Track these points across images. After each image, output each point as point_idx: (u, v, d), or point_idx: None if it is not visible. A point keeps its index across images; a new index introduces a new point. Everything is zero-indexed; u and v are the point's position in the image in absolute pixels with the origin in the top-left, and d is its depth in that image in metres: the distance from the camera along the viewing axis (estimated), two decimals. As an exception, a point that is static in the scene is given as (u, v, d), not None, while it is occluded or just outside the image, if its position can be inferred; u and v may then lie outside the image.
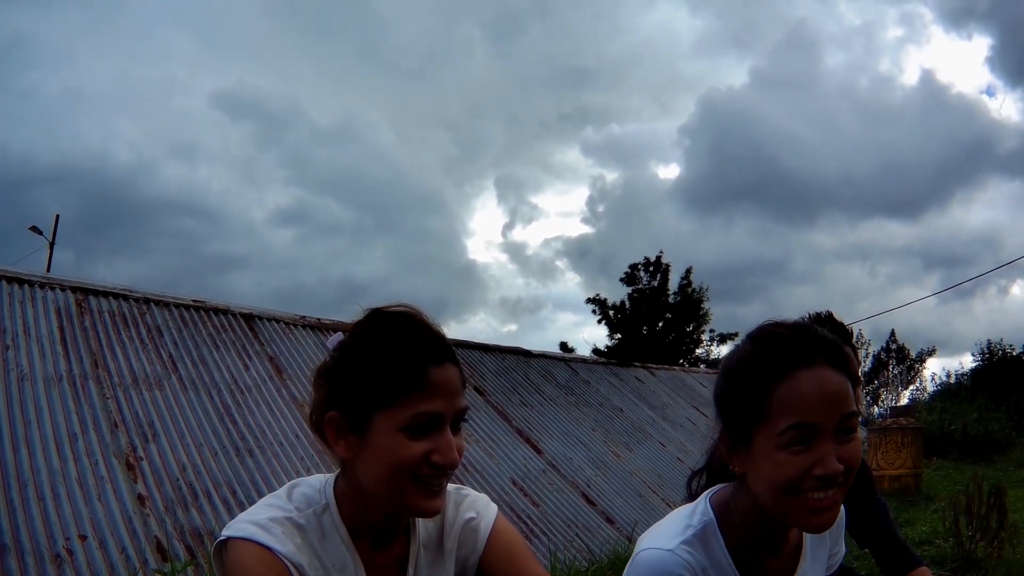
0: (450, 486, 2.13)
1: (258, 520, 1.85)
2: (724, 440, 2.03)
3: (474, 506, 2.18)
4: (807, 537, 2.17)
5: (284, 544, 1.82)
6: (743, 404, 1.93)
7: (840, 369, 1.88)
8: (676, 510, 2.20)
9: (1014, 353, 42.81)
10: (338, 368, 1.95)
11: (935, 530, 8.79)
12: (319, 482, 2.03)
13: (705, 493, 2.17)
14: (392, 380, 1.85)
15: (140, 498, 7.91)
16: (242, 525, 1.84)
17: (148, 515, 7.72)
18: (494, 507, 2.22)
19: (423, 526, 2.10)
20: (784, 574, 2.12)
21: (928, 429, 18.25)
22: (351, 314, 2.04)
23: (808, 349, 1.89)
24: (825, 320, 3.38)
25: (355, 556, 1.95)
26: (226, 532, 1.85)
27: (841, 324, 3.36)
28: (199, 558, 6.92)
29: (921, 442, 13.61)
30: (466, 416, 2.00)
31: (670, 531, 2.05)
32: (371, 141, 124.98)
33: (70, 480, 7.68)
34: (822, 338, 1.94)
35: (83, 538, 7.07)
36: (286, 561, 1.79)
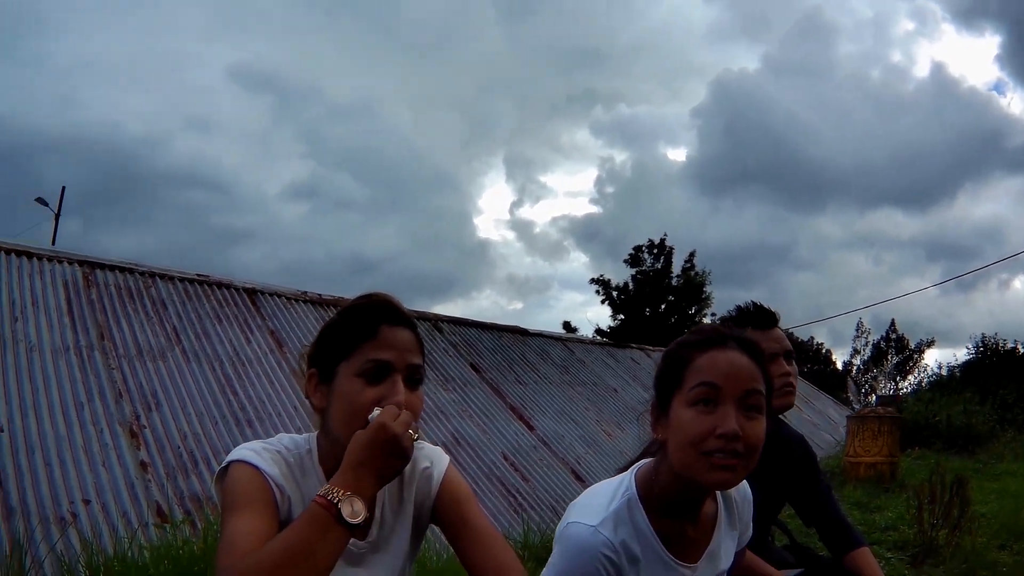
0: None
1: (252, 448, 2.16)
2: (653, 411, 2.35)
3: (429, 456, 2.42)
4: (721, 512, 2.47)
5: (271, 467, 2.11)
6: (669, 374, 2.29)
7: (751, 356, 2.23)
8: (605, 482, 2.48)
9: (1007, 347, 43.06)
10: (319, 336, 2.30)
11: (901, 517, 8.91)
12: (304, 435, 2.32)
13: (632, 467, 2.45)
14: (350, 333, 2.19)
15: (143, 464, 8.22)
16: (238, 451, 2.14)
17: (150, 481, 8.04)
18: (446, 458, 2.46)
19: None
20: (701, 542, 2.40)
21: (914, 419, 18.41)
22: (356, 288, 2.37)
23: (726, 336, 2.28)
24: (752, 307, 3.60)
25: None
26: (227, 459, 2.14)
27: (767, 308, 3.58)
28: (197, 521, 7.20)
29: (898, 431, 13.64)
30: (421, 377, 2.25)
31: (596, 505, 2.31)
32: (386, 118, 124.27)
33: (76, 447, 8.00)
34: (740, 332, 2.33)
35: (87, 502, 7.38)
36: (271, 481, 2.08)
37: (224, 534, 1.99)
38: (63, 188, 35.92)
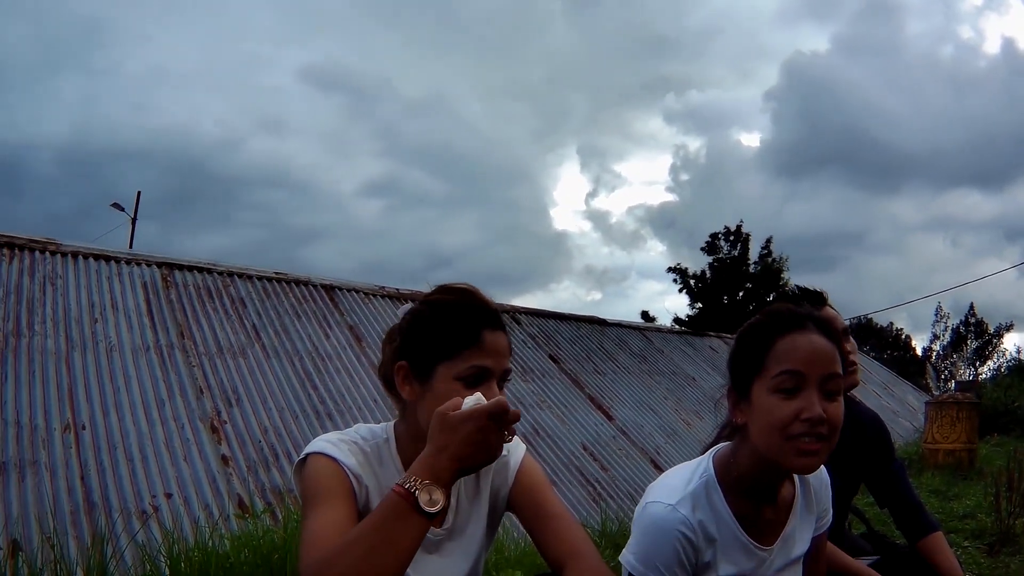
0: None
1: (329, 439, 2.20)
2: (730, 395, 2.33)
3: (506, 446, 2.40)
4: (798, 495, 2.44)
5: (348, 458, 2.15)
6: (747, 359, 2.26)
7: (830, 338, 2.22)
8: (682, 464, 2.47)
9: None
10: (410, 328, 2.29)
11: (979, 504, 8.65)
12: (382, 424, 2.36)
13: (710, 450, 2.44)
14: (454, 338, 2.19)
15: (224, 459, 8.38)
16: (316, 443, 2.18)
17: (231, 474, 8.19)
18: (523, 446, 2.48)
19: None
20: (777, 525, 2.37)
21: (993, 405, 18.03)
22: (433, 283, 2.39)
23: (804, 318, 2.26)
24: (798, 290, 3.58)
25: None
26: (305, 451, 2.19)
27: (813, 289, 3.56)
28: (278, 512, 7.26)
29: (976, 417, 13.16)
30: (509, 377, 2.30)
31: (675, 486, 2.31)
32: (459, 112, 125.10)
33: (157, 442, 8.17)
34: (817, 314, 2.31)
35: (168, 496, 7.53)
36: (349, 472, 2.12)
37: (305, 528, 2.03)
38: (138, 193, 36.39)
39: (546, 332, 15.43)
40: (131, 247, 22.42)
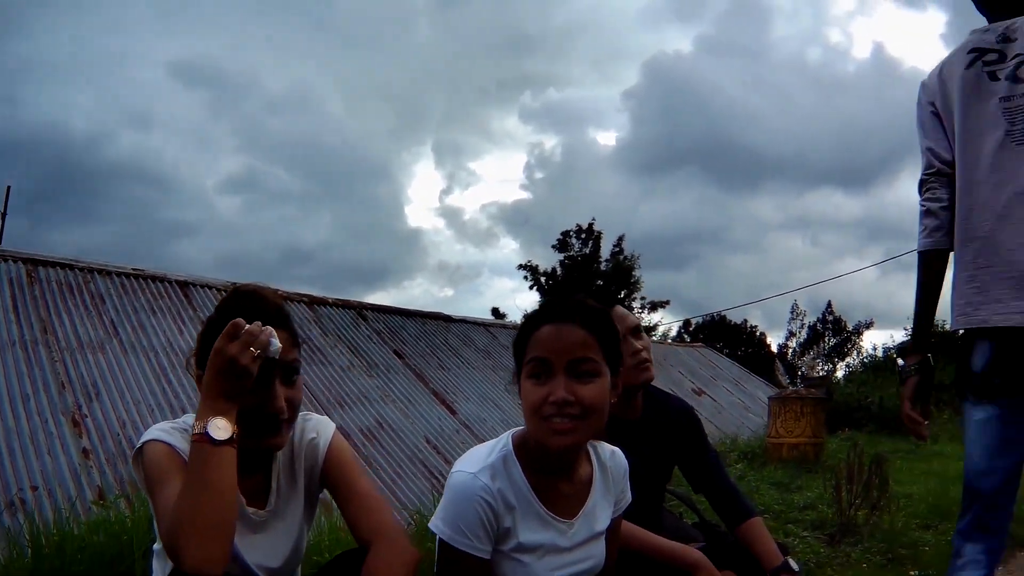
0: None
1: (162, 428, 2.36)
2: (514, 380, 2.53)
3: (316, 428, 2.61)
4: (596, 477, 2.64)
5: (181, 443, 2.30)
6: (517, 348, 2.51)
7: (584, 325, 2.40)
8: (488, 441, 2.63)
9: (944, 328, 43.21)
10: (204, 337, 2.41)
11: (820, 496, 8.92)
12: None
13: (511, 429, 2.60)
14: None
15: (85, 452, 8.81)
16: (150, 432, 2.35)
17: (92, 467, 8.62)
18: (332, 426, 2.65)
19: (281, 452, 2.54)
20: (576, 501, 2.58)
21: (845, 401, 18.79)
22: (295, 279, 2.63)
23: (559, 309, 2.47)
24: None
25: None
26: (141, 440, 2.35)
27: (598, 295, 3.84)
28: (134, 501, 7.70)
29: (822, 412, 13.86)
30: (298, 368, 2.46)
31: (477, 458, 2.48)
32: (319, 109, 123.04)
33: (23, 437, 8.57)
34: (577, 304, 2.49)
35: (34, 488, 7.95)
36: (182, 455, 2.27)
37: (157, 506, 2.22)
38: (8, 188, 35.74)
39: (391, 328, 15.93)
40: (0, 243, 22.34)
